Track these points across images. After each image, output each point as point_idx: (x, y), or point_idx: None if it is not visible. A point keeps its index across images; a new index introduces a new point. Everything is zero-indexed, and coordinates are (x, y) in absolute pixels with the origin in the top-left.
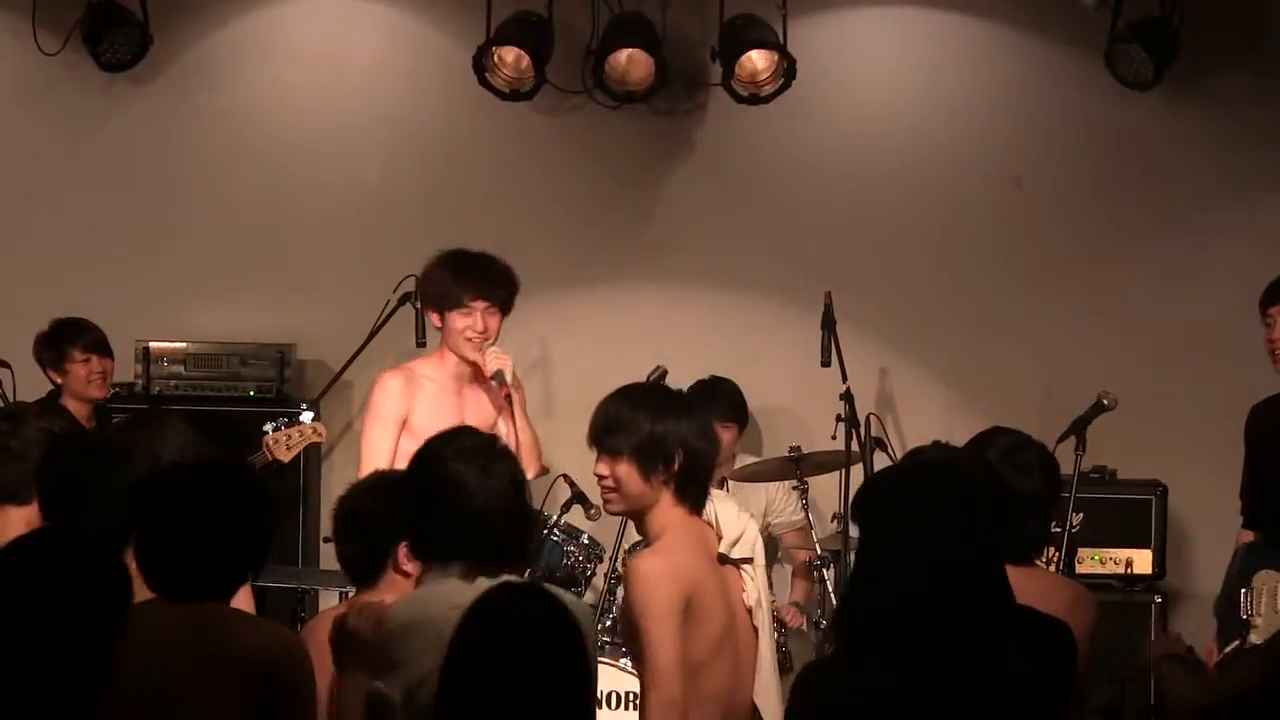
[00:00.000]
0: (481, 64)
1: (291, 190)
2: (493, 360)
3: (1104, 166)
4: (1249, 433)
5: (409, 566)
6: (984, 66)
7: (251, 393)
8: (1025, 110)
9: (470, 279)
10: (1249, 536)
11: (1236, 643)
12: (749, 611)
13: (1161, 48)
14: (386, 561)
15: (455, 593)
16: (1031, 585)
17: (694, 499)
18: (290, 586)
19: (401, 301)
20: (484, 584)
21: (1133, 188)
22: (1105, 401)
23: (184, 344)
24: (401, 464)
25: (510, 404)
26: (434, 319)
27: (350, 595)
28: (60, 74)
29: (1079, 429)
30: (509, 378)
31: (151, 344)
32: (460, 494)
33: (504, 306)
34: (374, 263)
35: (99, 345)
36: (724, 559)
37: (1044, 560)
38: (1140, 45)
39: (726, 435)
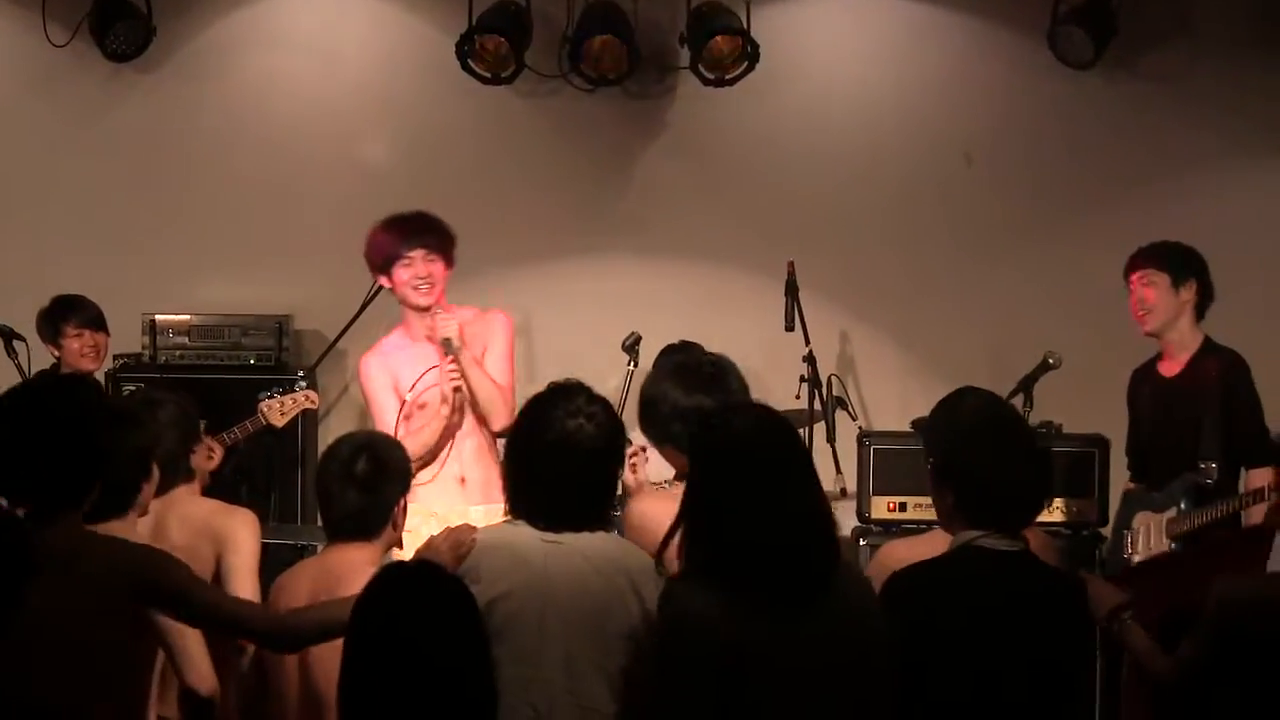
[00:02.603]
0: (464, 51)
1: (288, 171)
2: (441, 326)
3: (1047, 142)
4: (1129, 395)
5: (400, 521)
6: (935, 49)
7: (252, 361)
8: (974, 89)
9: (401, 230)
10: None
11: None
12: None
13: (1100, 29)
14: (386, 516)
15: (546, 532)
16: None
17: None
18: (291, 543)
19: None
20: (572, 533)
21: (1074, 161)
22: (1050, 360)
23: (188, 316)
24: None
25: (450, 372)
26: (384, 282)
27: (322, 548)
28: (69, 64)
29: (1026, 386)
30: (455, 345)
31: (157, 316)
32: (565, 449)
33: (441, 251)
34: (365, 238)
35: (92, 321)
36: None
37: None
38: (1080, 27)
39: None
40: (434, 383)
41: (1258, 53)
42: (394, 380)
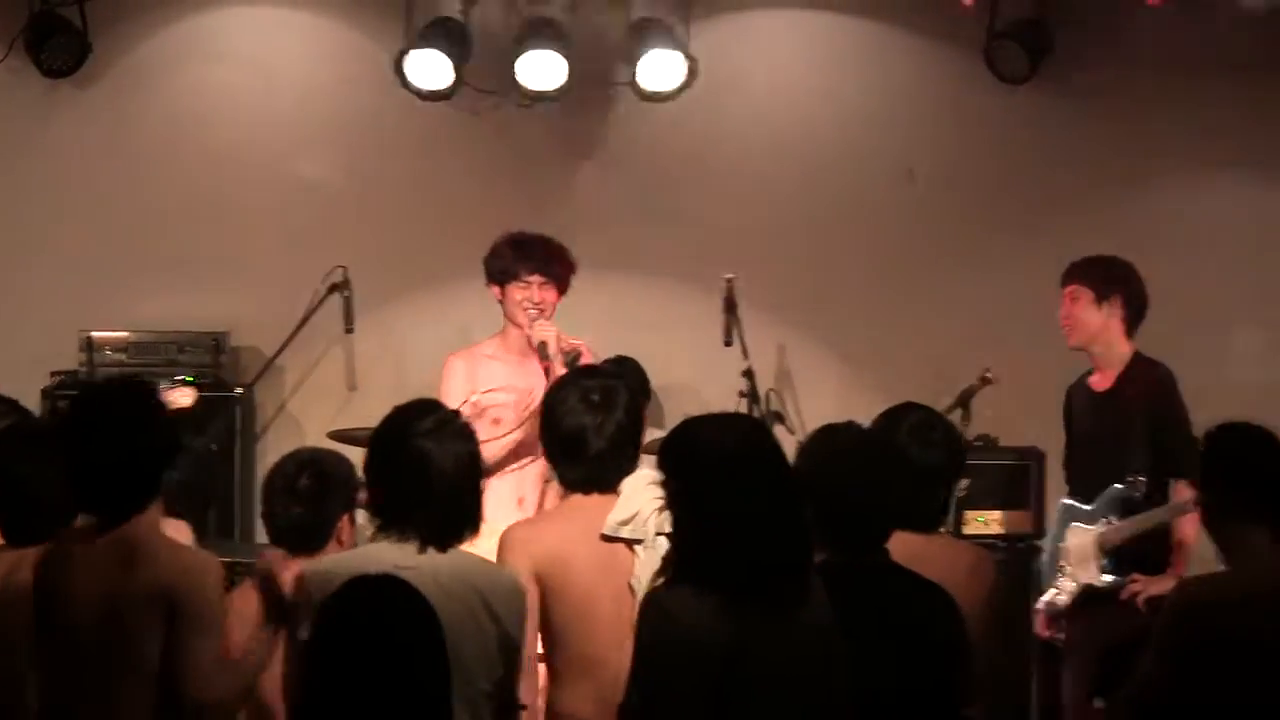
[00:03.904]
0: (402, 66)
1: (226, 186)
2: (539, 331)
3: (983, 156)
4: (1064, 410)
5: (345, 537)
6: (873, 65)
7: (189, 378)
8: (910, 104)
9: (529, 255)
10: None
11: (1053, 591)
12: (630, 589)
13: (1035, 44)
14: (328, 532)
15: (401, 555)
16: (936, 551)
17: (572, 482)
18: (229, 560)
19: (330, 291)
20: (431, 554)
21: (1010, 175)
22: (988, 375)
23: (125, 333)
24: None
25: (548, 377)
26: (495, 293)
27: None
28: (4, 80)
29: (964, 402)
30: (552, 349)
31: (94, 333)
32: (422, 468)
33: (559, 283)
34: (303, 254)
35: None
36: (608, 538)
37: None
38: (1015, 42)
39: None
40: (505, 401)
41: (1191, 69)
42: (473, 389)
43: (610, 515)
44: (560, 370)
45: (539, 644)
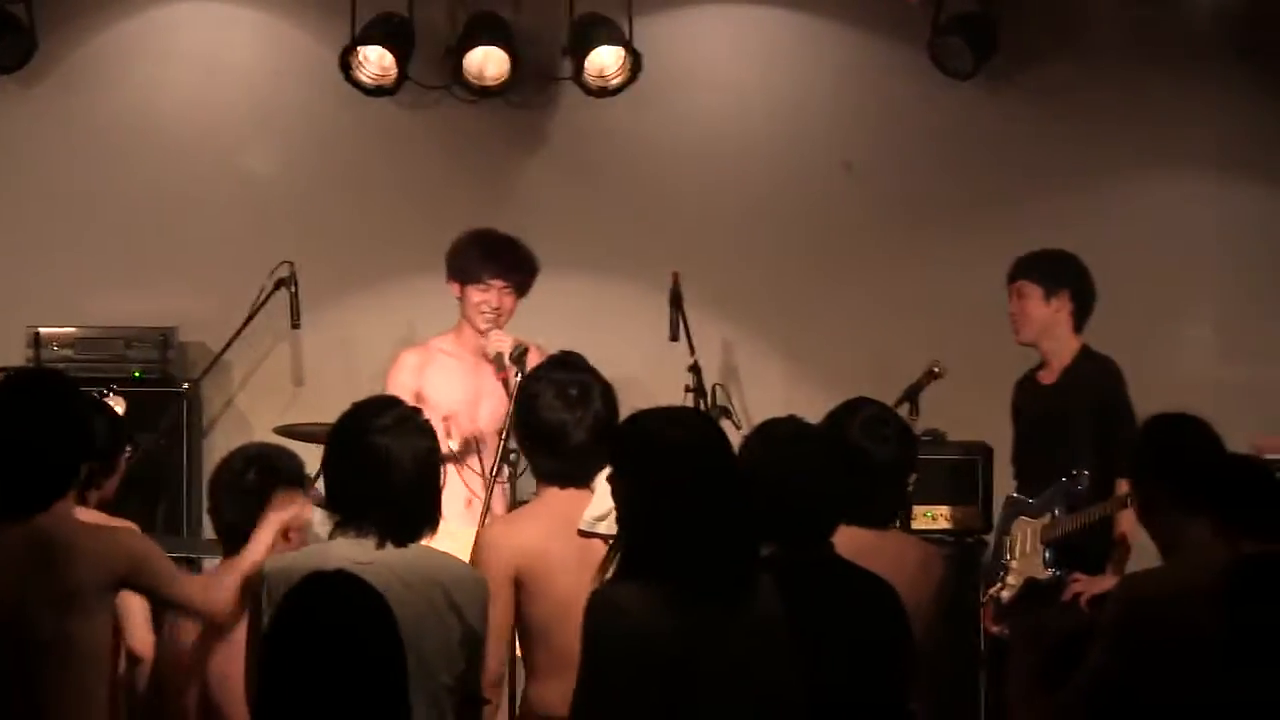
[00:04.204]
0: (347, 62)
1: (172, 183)
2: (494, 342)
3: (928, 151)
4: (1012, 404)
5: (294, 536)
6: (816, 59)
7: (137, 373)
8: (855, 99)
9: (495, 258)
10: None
11: (998, 584)
12: None
13: (980, 40)
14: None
15: (359, 551)
16: (887, 546)
17: (549, 475)
18: (177, 556)
19: (277, 286)
20: (390, 550)
21: (953, 170)
22: (936, 370)
23: (72, 329)
24: None
25: (506, 386)
26: (454, 289)
27: (219, 563)
28: None
29: (912, 396)
30: (507, 361)
31: (41, 329)
32: (380, 465)
33: (520, 289)
34: (250, 250)
35: None
36: (585, 533)
37: None
38: (960, 37)
39: None
40: (458, 399)
41: (1138, 67)
42: (420, 388)
43: (586, 511)
44: (513, 377)
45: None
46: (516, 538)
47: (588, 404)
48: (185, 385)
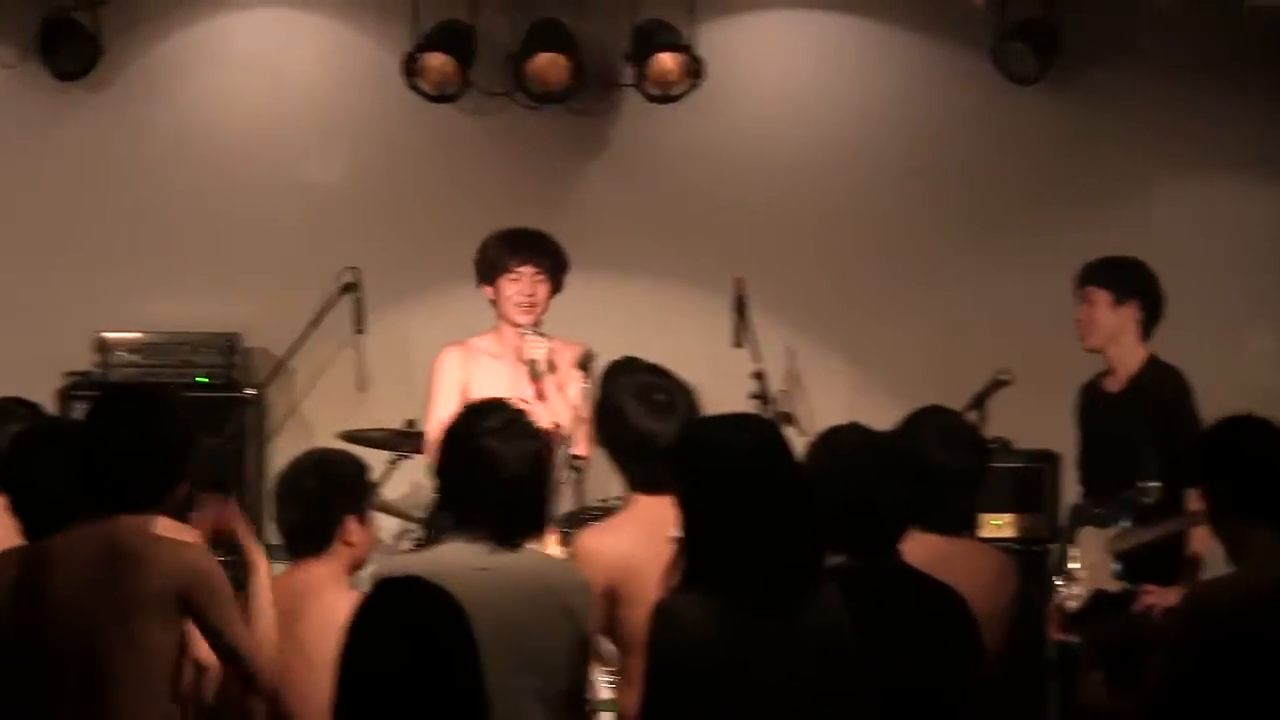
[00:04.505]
0: (410, 69)
1: (237, 188)
2: (529, 347)
3: (991, 157)
4: (1076, 410)
5: (356, 538)
6: (880, 65)
7: (202, 379)
8: (918, 105)
9: (518, 245)
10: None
11: (1065, 593)
12: None
13: (1044, 45)
14: (329, 533)
15: (475, 555)
16: (960, 555)
17: (639, 483)
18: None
19: (341, 292)
20: (504, 554)
21: (1018, 176)
22: (1003, 377)
23: (138, 334)
24: None
25: (540, 398)
26: (488, 293)
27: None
28: (18, 84)
29: (980, 403)
30: (541, 368)
31: (107, 334)
32: (490, 467)
33: (552, 276)
34: (313, 256)
35: None
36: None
37: None
38: (1024, 42)
39: None
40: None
41: (1199, 73)
42: (467, 382)
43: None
44: (550, 388)
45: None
46: (612, 547)
47: (674, 410)
48: (250, 391)
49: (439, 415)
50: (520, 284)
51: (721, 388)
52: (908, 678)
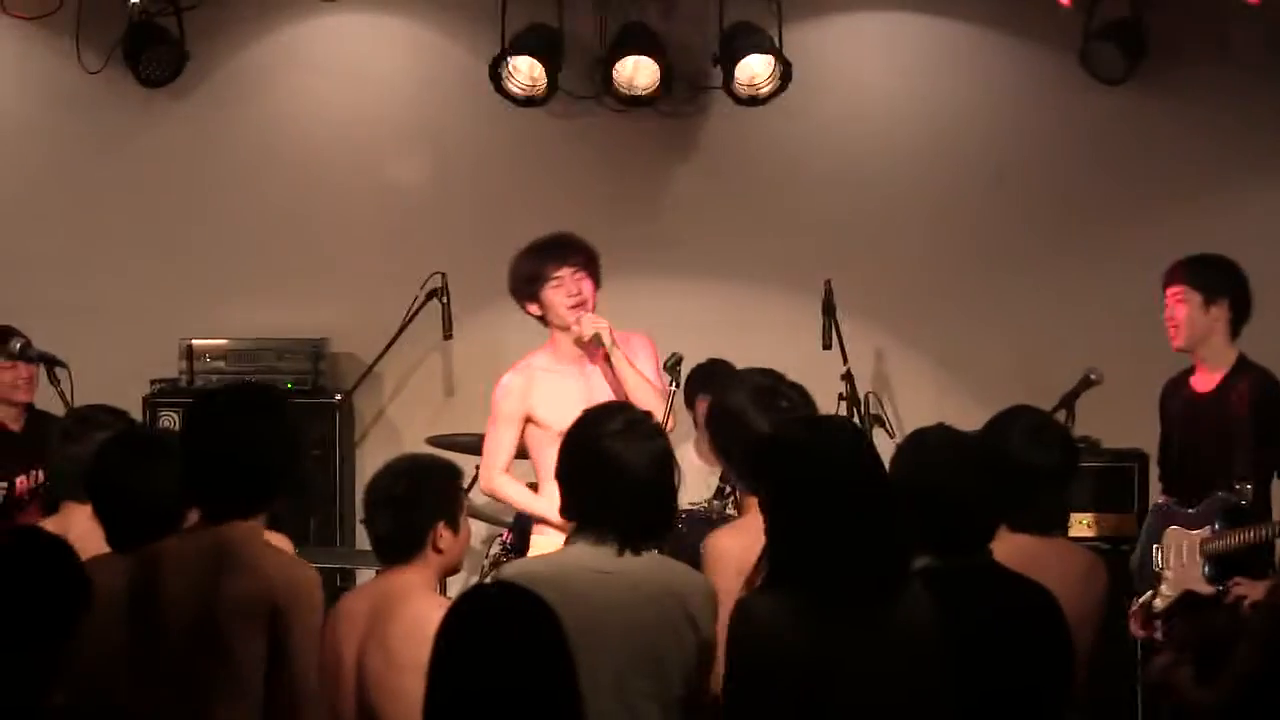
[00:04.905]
0: (498, 73)
1: (321, 194)
2: (588, 324)
3: (1079, 158)
4: (1161, 406)
5: (446, 545)
6: (967, 66)
7: (289, 385)
8: (1006, 106)
9: (551, 252)
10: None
11: (1149, 593)
12: None
13: (1132, 45)
14: (420, 540)
15: (599, 559)
16: (1052, 554)
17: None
18: (330, 566)
19: (429, 297)
20: (629, 558)
21: (1106, 177)
22: (1092, 377)
23: (224, 340)
24: (537, 456)
25: (609, 364)
26: (533, 310)
27: (378, 572)
28: (103, 90)
29: (1069, 403)
30: (607, 340)
31: (194, 341)
32: (613, 470)
33: (590, 270)
34: (400, 261)
35: (20, 353)
36: None
37: None
38: (1112, 43)
39: None
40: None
41: None
42: (528, 412)
43: None
44: (615, 359)
45: None
46: (744, 549)
47: (794, 412)
48: (338, 396)
49: (495, 446)
50: (564, 286)
51: (810, 390)
52: (1000, 677)
